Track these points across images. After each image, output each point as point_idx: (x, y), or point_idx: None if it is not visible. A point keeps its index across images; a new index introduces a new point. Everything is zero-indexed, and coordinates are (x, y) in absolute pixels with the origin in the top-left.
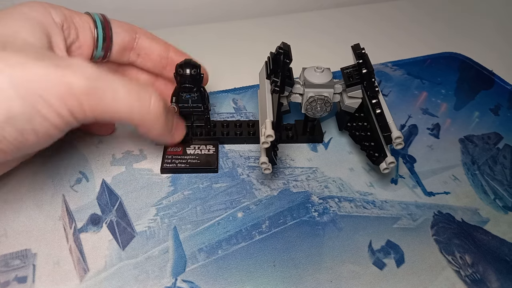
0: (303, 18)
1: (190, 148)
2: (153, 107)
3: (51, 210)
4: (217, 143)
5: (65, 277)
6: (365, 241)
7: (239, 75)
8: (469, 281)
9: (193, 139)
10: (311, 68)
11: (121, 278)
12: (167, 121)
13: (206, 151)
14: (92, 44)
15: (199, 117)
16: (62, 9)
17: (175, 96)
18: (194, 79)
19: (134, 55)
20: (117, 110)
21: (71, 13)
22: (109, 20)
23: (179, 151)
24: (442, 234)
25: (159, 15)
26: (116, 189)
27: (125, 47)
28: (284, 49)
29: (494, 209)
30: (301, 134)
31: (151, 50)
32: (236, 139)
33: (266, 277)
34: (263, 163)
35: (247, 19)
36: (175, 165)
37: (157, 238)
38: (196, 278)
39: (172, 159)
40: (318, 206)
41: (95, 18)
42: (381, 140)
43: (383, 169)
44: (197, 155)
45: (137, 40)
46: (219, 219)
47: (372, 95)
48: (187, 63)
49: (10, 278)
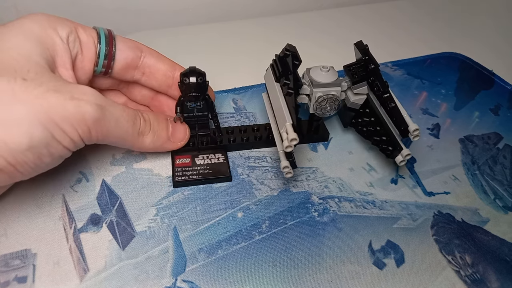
0: (303, 18)
1: (198, 158)
2: (141, 129)
3: (51, 210)
4: (225, 151)
5: (65, 277)
6: (365, 241)
7: (239, 75)
8: (469, 281)
9: (200, 149)
10: (316, 68)
11: (121, 278)
12: (157, 135)
13: (215, 160)
14: (94, 59)
15: (202, 126)
16: (67, 22)
17: (179, 106)
18: (199, 87)
19: (138, 73)
20: (116, 134)
21: (76, 26)
22: (114, 36)
23: (188, 163)
24: (442, 234)
25: (159, 15)
26: (116, 189)
27: (128, 65)
28: (292, 51)
29: (494, 209)
30: (306, 133)
31: (156, 69)
32: (243, 145)
33: (266, 277)
34: (285, 167)
35: (247, 19)
36: (187, 177)
37: (157, 238)
38: (196, 278)
39: (182, 172)
40: (318, 206)
41: (100, 33)
42: (393, 134)
43: (399, 162)
44: (207, 165)
45: (143, 58)
46: (219, 219)
47: (384, 89)
48: (192, 71)
49: (10, 278)
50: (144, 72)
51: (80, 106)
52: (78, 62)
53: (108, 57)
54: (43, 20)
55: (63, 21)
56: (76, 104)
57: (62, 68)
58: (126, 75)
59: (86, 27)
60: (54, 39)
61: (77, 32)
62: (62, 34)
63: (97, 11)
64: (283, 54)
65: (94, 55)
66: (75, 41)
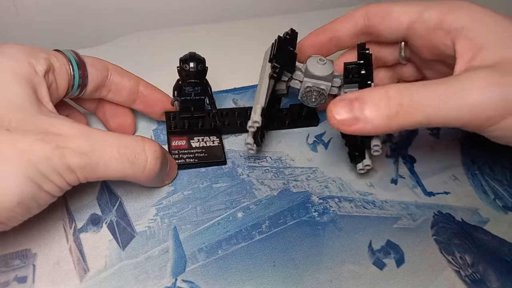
0: (303, 18)
1: (194, 140)
2: (149, 168)
3: (51, 210)
4: (220, 134)
5: (65, 277)
6: (365, 241)
7: (239, 75)
8: (469, 281)
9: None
10: (314, 58)
11: (121, 278)
12: (161, 174)
13: (211, 143)
14: (68, 84)
15: (198, 107)
16: (41, 54)
17: (176, 90)
18: (199, 74)
19: (105, 91)
20: (109, 176)
21: (49, 55)
22: (83, 59)
23: (184, 145)
24: (442, 234)
25: (159, 15)
26: (116, 189)
27: (98, 86)
28: (291, 36)
29: (494, 209)
30: (296, 119)
31: (122, 86)
32: (237, 129)
33: (266, 277)
34: (247, 144)
35: (247, 19)
36: (184, 160)
37: (157, 238)
38: (196, 278)
39: (179, 154)
40: (318, 206)
41: (69, 57)
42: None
43: (358, 169)
44: (203, 148)
45: (110, 77)
46: (219, 219)
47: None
48: (192, 57)
49: (10, 278)
50: (110, 89)
51: (65, 156)
52: (52, 90)
53: (82, 82)
54: (19, 55)
55: (37, 53)
56: (60, 154)
57: (42, 101)
58: (94, 95)
59: (56, 53)
60: (31, 73)
61: (50, 61)
62: (38, 67)
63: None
64: (284, 38)
65: (67, 82)
66: (50, 72)
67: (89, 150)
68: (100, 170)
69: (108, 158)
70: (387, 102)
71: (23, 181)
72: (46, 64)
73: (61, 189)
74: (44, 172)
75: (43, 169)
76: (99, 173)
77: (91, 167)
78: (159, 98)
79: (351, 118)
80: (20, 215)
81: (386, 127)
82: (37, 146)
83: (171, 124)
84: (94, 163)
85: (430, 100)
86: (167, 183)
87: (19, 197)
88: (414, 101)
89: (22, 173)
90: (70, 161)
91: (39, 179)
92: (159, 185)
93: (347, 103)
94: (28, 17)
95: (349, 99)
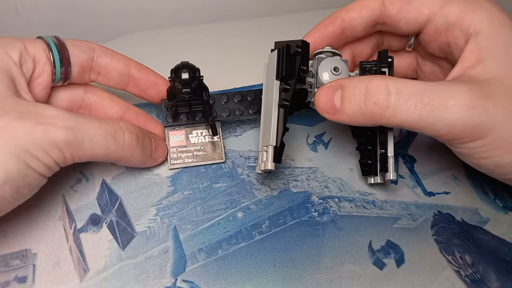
0: (303, 18)
1: (192, 134)
2: (128, 142)
3: (51, 210)
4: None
5: (65, 277)
6: (365, 241)
7: (239, 75)
8: (469, 281)
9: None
10: (327, 65)
11: (121, 278)
12: (143, 149)
13: (209, 138)
14: (50, 70)
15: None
16: (16, 42)
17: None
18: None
19: (94, 74)
20: (94, 153)
21: (24, 43)
22: (63, 42)
23: (182, 141)
24: (442, 234)
25: (159, 15)
26: (116, 189)
27: (84, 67)
28: (303, 51)
29: (494, 209)
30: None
31: (111, 68)
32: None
33: (266, 277)
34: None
35: (247, 19)
36: (182, 160)
37: (157, 238)
38: (196, 278)
39: (178, 153)
40: (318, 206)
41: (48, 42)
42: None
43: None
44: (202, 145)
45: (96, 58)
46: (219, 219)
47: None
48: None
49: (10, 278)
50: (99, 72)
51: (48, 131)
52: (34, 78)
53: (64, 64)
54: None
55: (12, 41)
56: (43, 129)
57: (21, 91)
58: (83, 78)
59: (34, 40)
60: (8, 63)
61: (26, 50)
62: (14, 57)
63: (96, 11)
64: (294, 52)
65: (49, 66)
66: (27, 60)
67: (73, 125)
68: (87, 147)
69: (93, 133)
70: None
71: (8, 157)
72: (20, 52)
73: (49, 168)
74: (28, 148)
75: (27, 145)
76: (85, 150)
77: (77, 141)
78: (152, 80)
79: (332, 108)
80: (10, 195)
81: (363, 123)
82: (18, 123)
83: (167, 114)
84: (80, 138)
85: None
86: (160, 161)
87: (5, 173)
88: (391, 105)
89: (6, 149)
90: (54, 135)
91: (24, 155)
92: (151, 164)
93: (331, 90)
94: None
95: (333, 87)
